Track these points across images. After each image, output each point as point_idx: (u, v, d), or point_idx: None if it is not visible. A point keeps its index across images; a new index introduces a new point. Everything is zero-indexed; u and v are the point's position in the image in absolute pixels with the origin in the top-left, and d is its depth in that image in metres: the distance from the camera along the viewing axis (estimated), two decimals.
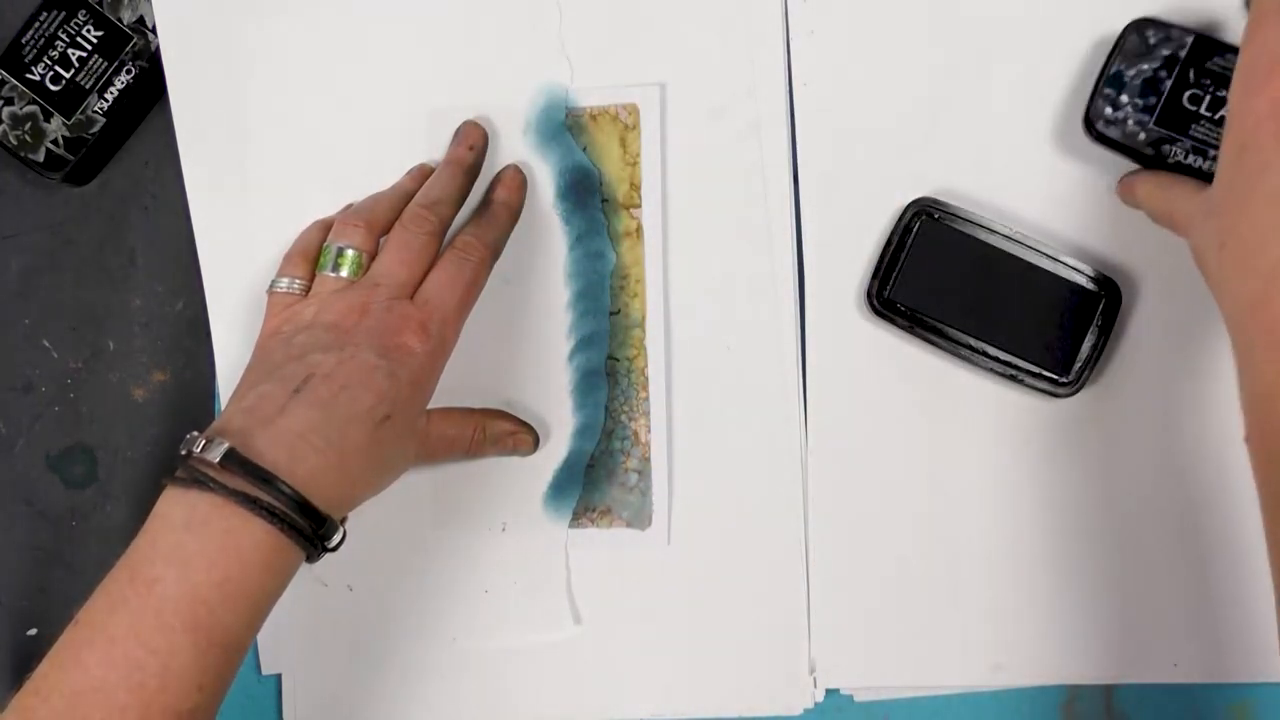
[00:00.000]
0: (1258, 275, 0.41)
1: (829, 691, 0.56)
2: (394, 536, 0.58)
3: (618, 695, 0.57)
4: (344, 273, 0.52)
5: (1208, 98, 0.49)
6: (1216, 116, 0.49)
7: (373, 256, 0.53)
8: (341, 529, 0.47)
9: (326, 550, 0.47)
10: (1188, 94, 0.50)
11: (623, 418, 0.57)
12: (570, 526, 0.57)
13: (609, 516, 0.57)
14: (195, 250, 0.59)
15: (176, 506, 0.45)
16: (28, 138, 0.59)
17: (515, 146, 0.57)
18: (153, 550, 0.44)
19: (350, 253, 0.52)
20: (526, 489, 0.58)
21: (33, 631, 0.61)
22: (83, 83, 0.59)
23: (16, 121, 0.59)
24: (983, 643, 0.55)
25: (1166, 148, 0.50)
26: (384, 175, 0.56)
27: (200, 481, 0.44)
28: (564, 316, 0.57)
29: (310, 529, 0.45)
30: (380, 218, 0.53)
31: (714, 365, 0.56)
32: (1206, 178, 0.47)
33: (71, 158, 0.59)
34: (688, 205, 0.56)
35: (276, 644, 0.59)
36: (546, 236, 0.57)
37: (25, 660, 0.60)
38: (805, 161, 0.55)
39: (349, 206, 0.56)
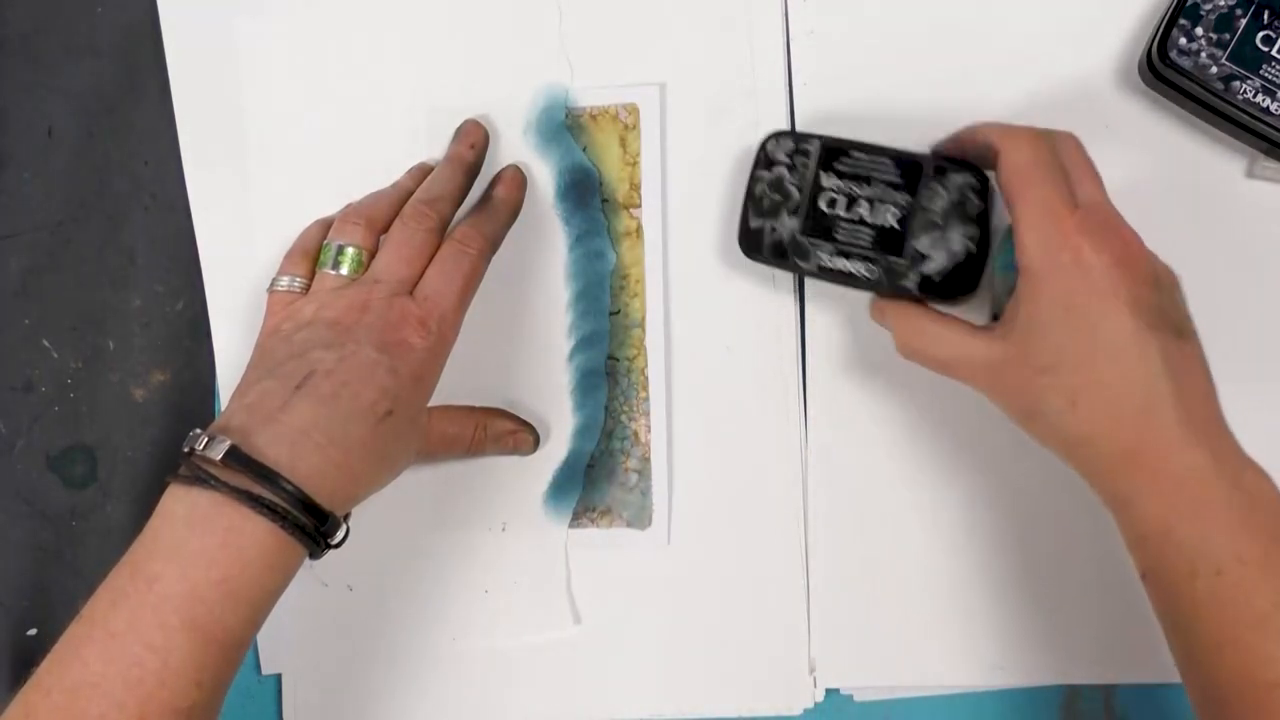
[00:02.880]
0: (1127, 426, 0.42)
1: (829, 691, 0.56)
2: (394, 536, 0.58)
3: (618, 695, 0.57)
4: (344, 270, 0.52)
5: None
6: None
7: (373, 254, 0.53)
8: (344, 526, 0.47)
9: (329, 547, 0.47)
10: (1261, 34, 0.50)
11: (623, 418, 0.57)
12: (570, 526, 0.57)
13: (609, 516, 0.57)
14: (195, 250, 0.59)
15: (179, 504, 0.45)
16: None
17: (515, 146, 0.57)
18: (154, 547, 0.44)
19: (350, 250, 0.52)
20: (526, 489, 0.58)
21: (33, 631, 0.61)
22: None
23: None
24: (983, 643, 0.55)
25: (1236, 84, 0.50)
26: (384, 174, 0.56)
27: (202, 479, 0.44)
28: (564, 316, 0.57)
29: (313, 526, 0.45)
30: (380, 215, 0.53)
31: (714, 365, 0.56)
32: (1272, 120, 0.48)
33: None
34: (688, 205, 0.56)
35: (276, 644, 0.59)
36: (546, 236, 0.57)
37: (25, 660, 0.60)
38: None
39: (349, 205, 0.56)
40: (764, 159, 0.52)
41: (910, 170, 0.50)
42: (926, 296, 0.50)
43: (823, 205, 0.51)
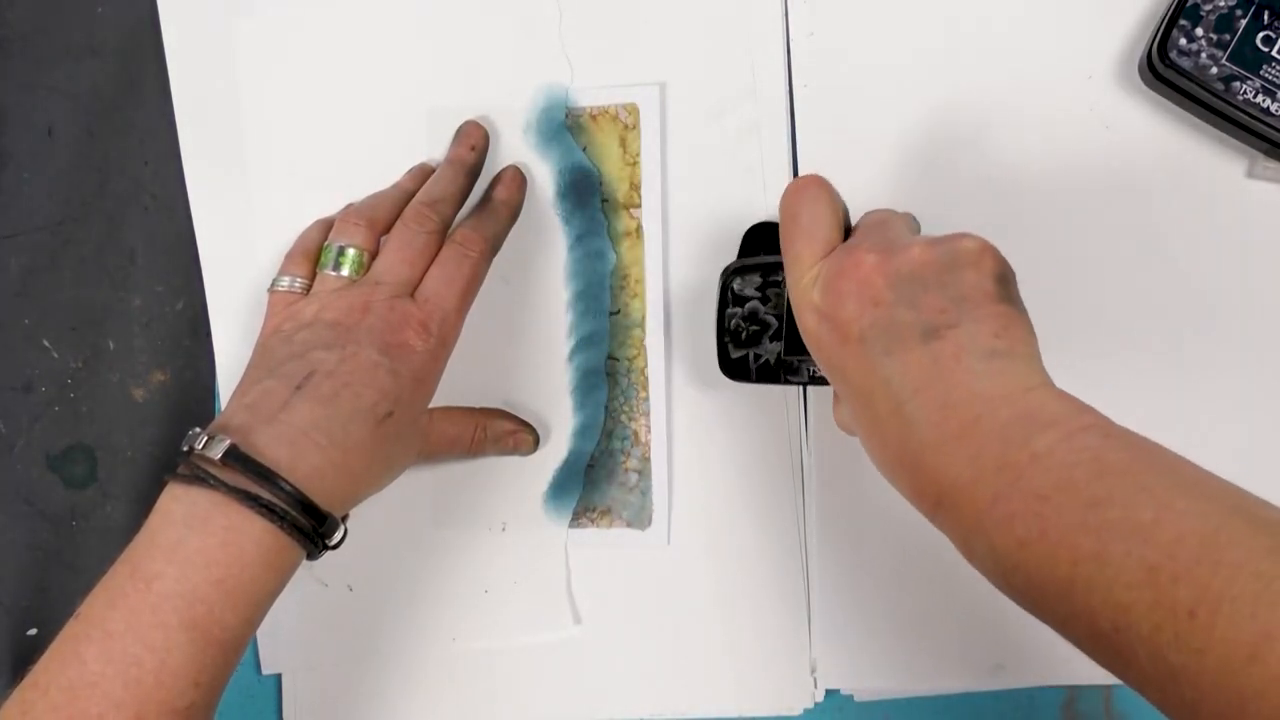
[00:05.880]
0: (917, 476, 0.39)
1: (829, 691, 0.56)
2: (394, 536, 0.58)
3: (618, 695, 0.57)
4: (345, 271, 0.52)
5: None
6: None
7: (374, 255, 0.53)
8: (343, 526, 0.47)
9: (327, 548, 0.47)
10: (1261, 35, 0.50)
11: (623, 418, 0.57)
12: (570, 526, 0.57)
13: (609, 516, 0.57)
14: (195, 250, 0.59)
15: (177, 503, 0.45)
16: None
17: (515, 146, 0.57)
18: (153, 546, 0.44)
19: (351, 251, 0.52)
20: (526, 489, 0.58)
21: (33, 631, 0.61)
22: None
23: None
24: (983, 643, 0.55)
25: (1237, 85, 0.50)
26: (384, 175, 0.56)
27: (201, 478, 0.44)
28: (564, 316, 0.57)
29: (311, 527, 0.45)
30: (381, 216, 0.54)
31: (714, 365, 0.56)
32: (1272, 120, 0.49)
33: None
34: (688, 205, 0.56)
35: (276, 644, 0.59)
36: (546, 236, 0.57)
37: (25, 660, 0.60)
38: (805, 161, 0.56)
39: (350, 206, 0.56)
40: (731, 297, 0.51)
41: None
42: None
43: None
